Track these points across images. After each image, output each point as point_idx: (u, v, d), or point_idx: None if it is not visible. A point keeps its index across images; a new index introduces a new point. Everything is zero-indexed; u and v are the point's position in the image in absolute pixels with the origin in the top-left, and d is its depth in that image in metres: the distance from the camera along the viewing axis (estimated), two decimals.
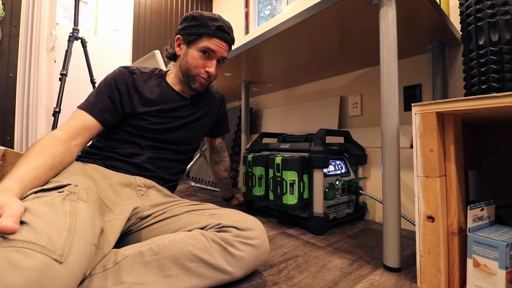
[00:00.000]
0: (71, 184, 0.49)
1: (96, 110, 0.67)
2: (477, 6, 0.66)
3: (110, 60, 2.46)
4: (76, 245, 0.38)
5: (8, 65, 1.73)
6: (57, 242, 0.36)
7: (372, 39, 0.93)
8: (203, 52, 0.73)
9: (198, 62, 0.74)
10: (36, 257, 0.33)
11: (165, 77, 0.81)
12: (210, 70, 0.74)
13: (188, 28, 0.74)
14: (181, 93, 0.80)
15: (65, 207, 0.43)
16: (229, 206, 1.24)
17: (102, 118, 0.68)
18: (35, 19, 1.74)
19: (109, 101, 0.70)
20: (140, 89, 0.73)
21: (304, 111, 1.61)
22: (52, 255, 0.34)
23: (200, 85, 0.77)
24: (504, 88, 0.63)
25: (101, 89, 0.70)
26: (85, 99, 0.70)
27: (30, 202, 0.42)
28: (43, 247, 0.34)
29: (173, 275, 0.46)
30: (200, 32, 0.72)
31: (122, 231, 0.60)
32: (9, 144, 1.71)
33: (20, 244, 0.34)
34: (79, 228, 0.41)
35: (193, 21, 0.73)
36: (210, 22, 0.72)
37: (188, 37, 0.74)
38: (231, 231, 0.54)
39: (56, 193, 0.45)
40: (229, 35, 0.76)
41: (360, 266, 0.65)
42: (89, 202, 0.48)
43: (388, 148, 0.63)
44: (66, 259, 0.35)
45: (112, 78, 0.72)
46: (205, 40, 0.73)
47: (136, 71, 0.75)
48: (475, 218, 0.51)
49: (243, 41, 2.38)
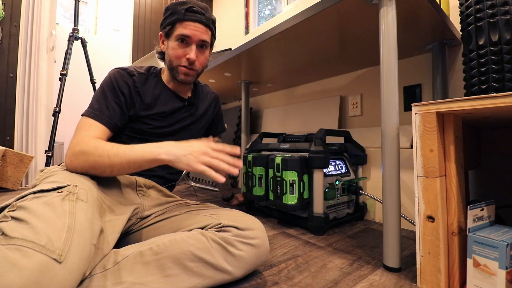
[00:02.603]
0: (70, 185, 0.49)
1: (105, 117, 0.64)
2: (477, 6, 0.66)
3: (110, 60, 2.46)
4: (75, 245, 0.38)
5: (8, 65, 1.73)
6: (56, 241, 0.36)
7: (372, 39, 0.93)
8: (180, 40, 0.70)
9: (178, 51, 0.70)
10: (35, 257, 0.33)
11: (161, 76, 0.79)
12: (190, 56, 0.69)
13: (164, 21, 0.72)
14: (177, 93, 0.79)
15: (64, 207, 0.43)
16: (229, 206, 1.24)
17: (112, 125, 0.65)
18: (35, 19, 1.74)
19: (116, 107, 0.67)
20: (140, 92, 0.72)
21: (304, 111, 1.61)
22: (52, 254, 0.34)
23: (184, 76, 0.72)
24: (504, 88, 0.63)
25: (105, 95, 0.67)
26: (90, 106, 0.66)
27: (29, 202, 0.42)
28: (42, 247, 0.34)
29: (173, 275, 0.46)
30: (172, 20, 0.69)
31: (123, 231, 0.60)
32: (9, 144, 1.71)
33: (20, 242, 0.34)
34: (78, 228, 0.41)
35: (167, 13, 0.72)
36: (180, 7, 0.69)
37: (165, 30, 0.72)
38: (231, 230, 0.54)
39: (56, 194, 0.45)
40: (203, 16, 0.70)
41: (360, 266, 0.65)
42: (89, 202, 0.48)
43: (388, 148, 0.63)
44: (65, 259, 0.35)
45: (114, 82, 0.68)
46: (178, 27, 0.69)
47: (135, 73, 0.73)
48: (475, 218, 0.51)
49: (243, 41, 2.37)
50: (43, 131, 1.74)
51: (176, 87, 0.79)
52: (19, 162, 1.56)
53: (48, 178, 0.53)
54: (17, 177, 1.56)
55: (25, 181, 1.68)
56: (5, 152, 1.52)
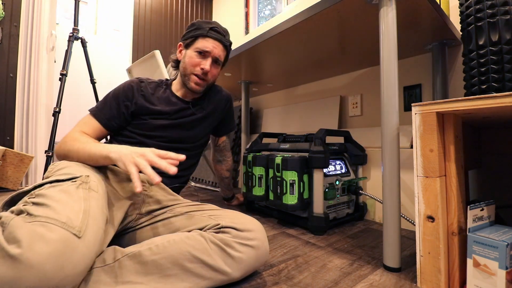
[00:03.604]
0: (83, 175, 0.52)
1: (101, 115, 0.75)
2: (477, 6, 0.66)
3: (110, 60, 2.45)
4: (90, 226, 0.42)
5: (8, 65, 1.73)
6: (75, 220, 0.41)
7: (372, 39, 0.93)
8: (198, 52, 0.79)
9: (194, 60, 0.79)
10: (58, 231, 0.38)
11: (171, 86, 0.87)
12: (205, 67, 0.78)
13: (187, 33, 0.82)
14: (182, 98, 0.84)
15: (79, 194, 0.47)
16: (229, 206, 1.24)
17: (106, 122, 0.75)
18: (35, 19, 1.74)
19: (115, 107, 0.76)
20: (146, 94, 0.79)
21: (304, 111, 1.61)
22: (72, 230, 0.39)
23: (195, 85, 0.80)
24: (504, 88, 0.63)
25: (109, 95, 0.78)
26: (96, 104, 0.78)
27: (47, 190, 0.46)
28: (64, 223, 0.39)
29: (172, 275, 0.47)
30: (196, 34, 0.79)
31: (121, 226, 0.61)
32: (9, 144, 1.71)
33: (44, 219, 0.38)
34: (92, 212, 0.45)
35: (191, 27, 0.81)
36: (205, 25, 0.79)
37: (186, 41, 0.81)
38: (230, 232, 0.54)
39: (70, 183, 0.49)
40: (223, 37, 0.81)
41: (360, 266, 0.65)
42: (99, 192, 0.51)
43: (388, 148, 0.63)
44: (83, 235, 0.40)
45: (121, 86, 0.79)
46: (200, 41, 0.79)
47: (145, 81, 0.83)
48: (475, 218, 0.51)
49: (243, 41, 2.38)
50: (43, 131, 1.74)
51: (185, 95, 0.85)
52: (19, 162, 1.56)
53: (61, 170, 0.56)
54: (17, 177, 1.56)
55: (25, 181, 1.68)
56: (5, 152, 1.52)
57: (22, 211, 0.41)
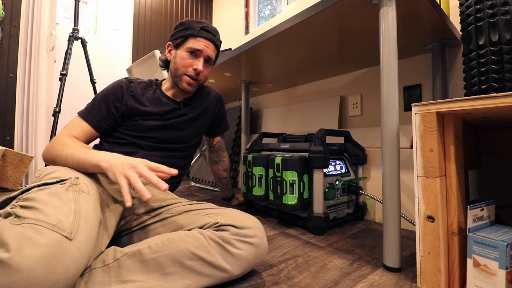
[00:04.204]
0: (71, 177, 0.51)
1: (91, 116, 0.73)
2: (477, 6, 0.66)
3: (110, 60, 2.45)
4: (82, 227, 0.41)
5: (8, 65, 1.73)
6: (65, 222, 0.39)
7: (372, 39, 0.93)
8: (190, 52, 0.78)
9: (186, 61, 0.78)
10: (48, 234, 0.36)
11: (161, 86, 0.86)
12: (198, 67, 0.77)
13: (176, 33, 0.80)
14: (173, 98, 0.83)
15: (69, 196, 0.46)
16: (229, 206, 1.24)
17: (95, 124, 0.73)
18: (35, 19, 1.74)
19: (104, 108, 0.74)
20: (135, 94, 0.78)
21: (304, 111, 1.61)
22: (62, 232, 0.38)
23: (188, 85, 0.79)
24: (504, 88, 0.63)
25: (98, 97, 0.76)
26: (85, 106, 0.76)
27: (35, 194, 0.44)
28: (54, 225, 0.38)
29: (172, 273, 0.47)
30: (186, 34, 0.78)
31: (118, 227, 0.61)
32: (9, 144, 1.71)
33: (33, 221, 0.37)
34: (83, 213, 0.43)
35: (181, 27, 0.80)
36: (195, 25, 0.78)
37: (176, 41, 0.79)
38: (229, 229, 0.55)
39: (59, 185, 0.48)
40: (214, 36, 0.80)
41: (360, 266, 0.65)
42: (90, 194, 0.50)
43: (388, 148, 0.63)
44: (74, 237, 0.38)
45: (110, 87, 0.77)
46: (191, 41, 0.78)
47: (134, 81, 0.81)
48: (475, 218, 0.51)
49: (243, 41, 2.38)
50: (43, 131, 1.74)
51: (175, 95, 0.84)
52: (19, 162, 1.56)
53: (49, 174, 0.55)
54: (17, 177, 1.56)
55: (25, 181, 1.68)
56: (5, 152, 1.52)
57: (10, 213, 0.40)
